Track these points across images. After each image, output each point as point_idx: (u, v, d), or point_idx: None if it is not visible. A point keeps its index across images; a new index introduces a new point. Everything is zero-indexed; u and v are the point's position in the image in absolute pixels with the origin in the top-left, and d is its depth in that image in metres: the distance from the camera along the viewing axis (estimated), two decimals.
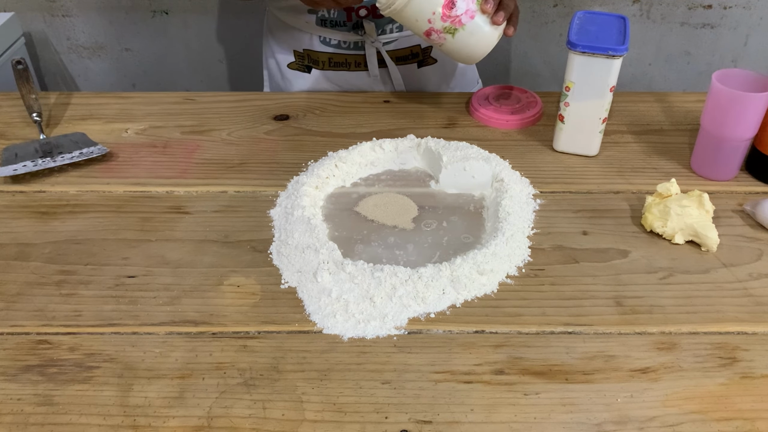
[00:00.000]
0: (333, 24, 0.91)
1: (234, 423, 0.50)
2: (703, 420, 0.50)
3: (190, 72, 1.60)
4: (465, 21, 0.71)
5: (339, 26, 0.91)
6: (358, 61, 0.95)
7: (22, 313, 0.59)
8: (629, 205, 0.72)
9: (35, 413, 0.51)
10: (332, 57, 0.95)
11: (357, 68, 0.96)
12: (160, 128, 0.86)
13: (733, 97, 0.69)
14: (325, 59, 0.95)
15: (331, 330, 0.57)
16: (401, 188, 0.75)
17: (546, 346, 0.56)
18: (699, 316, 0.59)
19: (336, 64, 0.96)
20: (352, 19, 0.90)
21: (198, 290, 0.62)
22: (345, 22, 0.91)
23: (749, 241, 0.67)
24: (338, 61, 0.95)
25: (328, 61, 0.95)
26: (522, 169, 0.77)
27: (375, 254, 0.65)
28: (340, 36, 0.93)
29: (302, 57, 0.97)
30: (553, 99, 0.91)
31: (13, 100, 0.92)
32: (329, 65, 0.96)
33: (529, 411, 0.51)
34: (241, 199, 0.73)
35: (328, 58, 0.95)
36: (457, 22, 0.71)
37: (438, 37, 0.73)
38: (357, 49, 0.94)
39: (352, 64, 0.96)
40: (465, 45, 0.73)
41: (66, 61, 1.59)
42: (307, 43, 0.95)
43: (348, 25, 0.91)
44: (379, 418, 0.50)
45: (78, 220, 0.70)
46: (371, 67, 0.95)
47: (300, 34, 0.95)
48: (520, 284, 0.62)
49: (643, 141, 0.83)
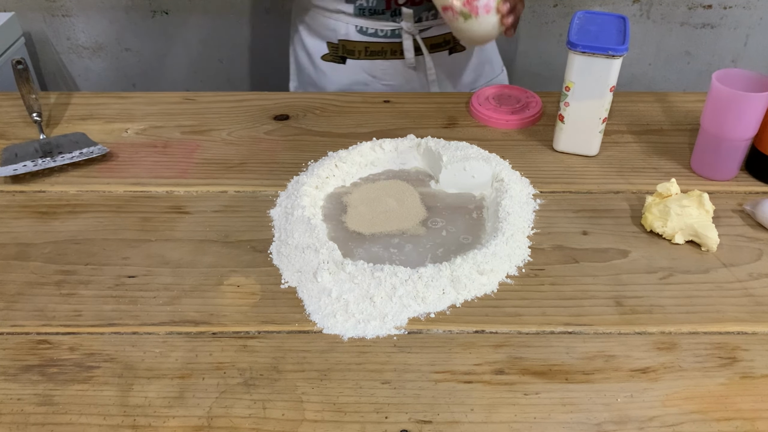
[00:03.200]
0: (372, 12, 0.93)
1: (234, 423, 0.50)
2: (703, 420, 0.50)
3: (190, 72, 1.60)
4: (480, 12, 0.80)
5: (377, 15, 0.93)
6: (394, 49, 0.97)
7: (22, 313, 0.59)
8: (629, 205, 0.72)
9: (35, 413, 0.51)
10: (368, 46, 0.97)
11: (393, 56, 0.98)
12: (160, 128, 0.86)
13: (733, 97, 0.69)
14: (361, 48, 0.97)
15: (331, 330, 0.57)
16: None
17: (546, 346, 0.56)
18: (699, 316, 0.59)
19: (372, 53, 0.98)
20: (391, 7, 0.93)
21: (198, 290, 0.62)
22: (384, 11, 0.93)
23: (749, 241, 0.67)
24: (375, 50, 0.97)
25: (365, 51, 0.97)
26: (522, 169, 0.77)
27: (375, 254, 0.65)
28: (378, 25, 0.95)
29: (336, 48, 0.98)
30: (554, 99, 0.91)
31: (13, 100, 0.92)
32: (365, 54, 0.98)
33: (529, 411, 0.51)
34: (241, 199, 0.73)
35: (365, 48, 0.97)
36: (474, 10, 0.80)
37: (453, 16, 0.82)
38: (393, 37, 0.96)
39: (388, 52, 0.97)
40: (470, 31, 0.82)
41: (66, 61, 1.59)
42: (343, 34, 0.97)
43: (386, 14, 0.93)
44: (379, 418, 0.50)
45: (78, 220, 0.70)
46: (407, 54, 0.97)
47: (336, 24, 0.97)
48: (520, 284, 0.62)
49: (643, 141, 0.83)
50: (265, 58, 1.58)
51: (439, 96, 0.93)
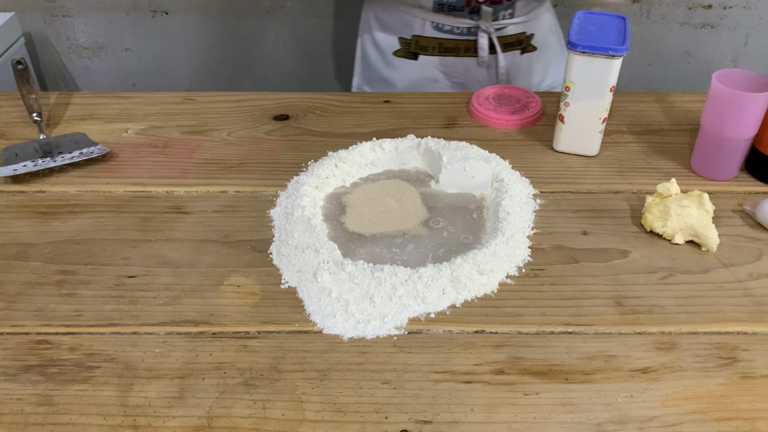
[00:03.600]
0: (450, 9, 0.93)
1: (234, 423, 0.50)
2: (703, 420, 0.50)
3: (190, 72, 1.60)
4: None
5: (456, 11, 0.94)
6: (468, 46, 0.97)
7: (22, 313, 0.59)
8: (629, 205, 0.72)
9: (35, 413, 0.51)
10: (443, 43, 0.97)
11: (465, 54, 0.98)
12: (160, 128, 0.86)
13: (733, 97, 0.69)
14: (435, 45, 0.97)
15: (331, 330, 0.57)
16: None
17: (546, 346, 0.56)
18: (699, 316, 0.59)
19: (446, 50, 0.98)
20: (471, 4, 0.93)
21: (198, 290, 0.62)
22: (463, 7, 0.93)
23: (749, 241, 0.67)
24: (448, 47, 0.97)
25: (438, 47, 0.97)
26: (522, 169, 0.77)
27: (375, 254, 0.65)
28: (455, 21, 0.95)
29: (409, 44, 0.98)
30: (554, 99, 0.91)
31: (13, 100, 0.92)
32: (438, 51, 0.98)
33: (529, 411, 0.51)
34: (241, 199, 0.73)
35: (439, 44, 0.97)
36: None
37: None
38: (468, 35, 0.96)
39: (462, 49, 0.98)
40: None
41: (66, 61, 1.59)
42: (418, 30, 0.97)
43: (465, 11, 0.94)
44: (379, 418, 0.50)
45: (78, 220, 0.70)
46: (481, 53, 0.97)
47: (412, 19, 0.97)
48: (520, 284, 0.62)
49: (643, 141, 0.83)
50: (265, 58, 1.58)
51: (439, 96, 0.93)
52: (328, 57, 1.59)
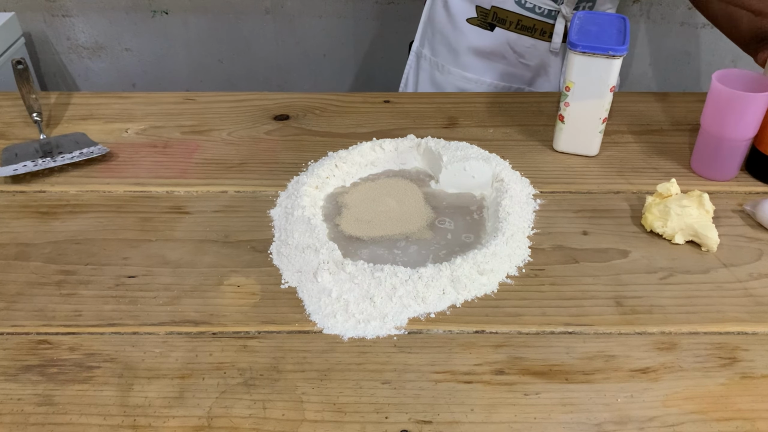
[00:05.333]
0: None
1: (234, 423, 0.50)
2: (703, 420, 0.50)
3: (190, 72, 1.61)
4: None
5: None
6: (545, 29, 0.96)
7: (22, 313, 0.59)
8: (629, 205, 0.72)
9: (35, 413, 0.51)
10: (521, 19, 0.96)
11: (541, 37, 0.97)
12: (160, 128, 0.86)
13: (733, 97, 0.69)
14: (514, 20, 0.96)
15: (331, 330, 0.57)
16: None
17: (546, 346, 0.56)
18: (699, 316, 0.59)
19: (523, 27, 0.96)
20: None
21: (198, 290, 0.62)
22: None
23: (749, 241, 0.67)
24: (526, 25, 0.96)
25: (516, 23, 0.96)
26: (522, 169, 0.77)
27: (375, 254, 0.65)
28: (539, 1, 0.94)
29: (486, 14, 0.97)
30: (553, 99, 0.91)
31: (13, 100, 0.92)
32: (516, 27, 0.96)
33: (529, 411, 0.51)
34: (241, 199, 0.73)
35: (518, 20, 0.96)
36: None
37: None
38: (548, 17, 0.95)
39: (538, 31, 0.96)
40: None
41: (66, 61, 1.59)
42: (499, 1, 0.95)
43: None
44: (379, 418, 0.50)
45: (78, 220, 0.70)
46: (556, 38, 0.96)
47: None
48: (520, 284, 0.62)
49: (643, 141, 0.83)
50: (265, 58, 1.58)
51: (439, 96, 0.93)
52: (328, 57, 1.59)
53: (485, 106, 0.90)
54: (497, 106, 0.90)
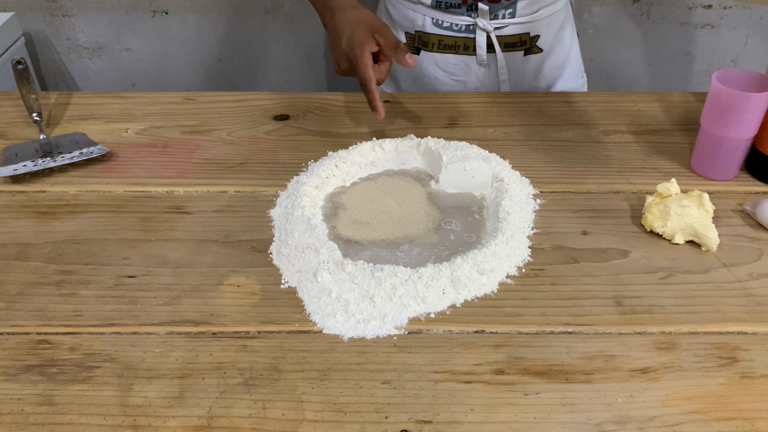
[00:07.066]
0: (447, 6, 0.94)
1: (234, 423, 0.50)
2: (703, 420, 0.50)
3: (190, 72, 1.61)
4: None
5: (453, 8, 0.94)
6: (467, 44, 0.98)
7: (22, 313, 0.59)
8: (629, 205, 0.72)
9: (35, 413, 0.51)
10: (442, 39, 0.98)
11: (465, 52, 0.99)
12: (160, 128, 0.86)
13: (733, 97, 0.69)
14: (435, 41, 0.98)
15: (331, 330, 0.57)
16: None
17: (546, 346, 0.56)
18: (699, 316, 0.59)
19: (445, 47, 0.98)
20: (467, 2, 0.93)
21: (198, 290, 0.62)
22: (460, 5, 0.94)
23: (749, 241, 0.67)
24: (447, 44, 0.98)
25: (438, 43, 0.98)
26: (522, 169, 0.77)
27: (375, 254, 0.65)
28: (453, 18, 0.96)
29: (413, 39, 1.00)
30: (554, 99, 0.91)
31: (13, 100, 0.92)
32: (438, 47, 0.99)
33: (529, 411, 0.51)
34: (241, 199, 0.73)
35: (438, 41, 0.98)
36: None
37: None
38: (467, 32, 0.97)
39: (461, 47, 0.98)
40: None
41: (66, 61, 1.59)
42: (420, 25, 0.98)
43: (462, 8, 0.94)
44: (379, 418, 0.50)
45: (78, 220, 0.70)
46: (479, 51, 0.97)
47: (414, 15, 0.98)
48: (520, 284, 0.62)
49: (643, 141, 0.83)
50: (265, 58, 1.58)
51: (439, 96, 0.93)
52: (328, 57, 1.59)
53: (485, 106, 0.90)
54: (497, 106, 0.90)
